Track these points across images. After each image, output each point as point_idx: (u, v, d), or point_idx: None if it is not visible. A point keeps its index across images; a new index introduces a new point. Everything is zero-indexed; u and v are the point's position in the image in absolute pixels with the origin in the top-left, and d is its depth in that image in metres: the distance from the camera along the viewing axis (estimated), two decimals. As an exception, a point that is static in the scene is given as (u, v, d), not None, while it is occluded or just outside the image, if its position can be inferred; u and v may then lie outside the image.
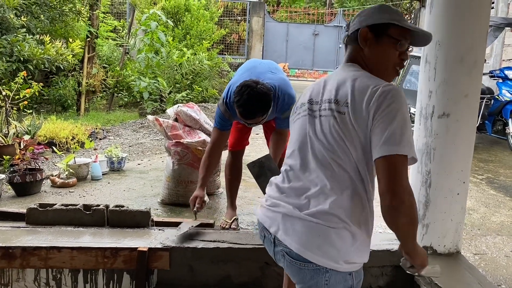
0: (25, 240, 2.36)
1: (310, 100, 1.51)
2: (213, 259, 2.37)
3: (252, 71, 2.81)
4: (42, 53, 6.55)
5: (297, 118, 1.54)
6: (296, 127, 1.54)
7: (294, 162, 1.49)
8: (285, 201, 1.44)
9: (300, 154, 1.47)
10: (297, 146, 1.50)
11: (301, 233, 1.35)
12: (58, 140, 5.44)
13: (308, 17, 16.12)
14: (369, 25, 1.47)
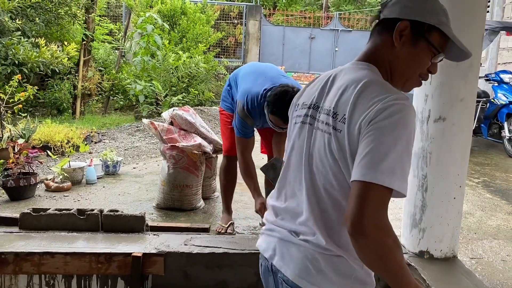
0: (18, 245, 2.33)
1: (312, 103, 1.26)
2: (208, 264, 2.35)
3: (265, 75, 2.79)
4: (37, 56, 6.52)
5: (297, 121, 1.31)
6: (295, 133, 1.31)
7: (291, 175, 1.30)
8: (280, 225, 1.28)
9: (297, 167, 1.27)
10: (294, 157, 1.29)
11: (297, 259, 1.20)
12: (53, 143, 5.40)
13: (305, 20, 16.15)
14: (412, 19, 1.18)
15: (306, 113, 1.27)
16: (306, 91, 1.35)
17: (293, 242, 1.22)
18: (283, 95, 2.46)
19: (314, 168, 1.20)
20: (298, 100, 1.37)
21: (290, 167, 1.31)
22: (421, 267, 2.28)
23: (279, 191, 1.34)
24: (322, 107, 1.22)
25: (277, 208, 1.32)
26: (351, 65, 1.25)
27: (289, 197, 1.29)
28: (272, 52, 14.15)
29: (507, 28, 6.85)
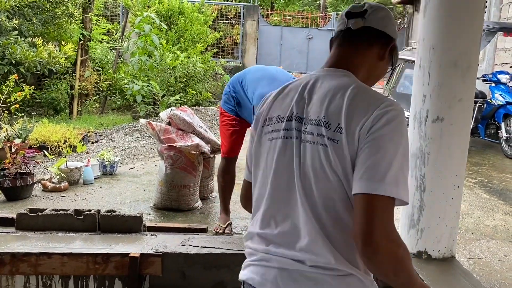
0: (15, 246, 2.32)
1: (292, 115, 1.17)
2: (206, 265, 2.34)
3: (279, 79, 2.76)
4: (34, 56, 6.50)
5: (274, 137, 1.19)
6: (274, 150, 1.18)
7: (275, 197, 1.18)
8: (277, 253, 1.14)
9: (284, 187, 1.16)
10: (278, 176, 1.17)
11: (307, 287, 1.10)
12: (50, 143, 5.38)
13: (302, 20, 16.15)
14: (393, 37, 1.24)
15: (287, 127, 1.17)
16: (276, 104, 1.25)
17: (301, 270, 1.10)
18: None
19: (309, 185, 1.11)
20: (266, 113, 1.25)
21: (273, 188, 1.18)
22: (419, 267, 2.28)
23: (264, 216, 1.20)
24: (308, 118, 1.14)
25: (267, 235, 1.18)
26: (327, 72, 1.21)
27: (280, 221, 1.16)
28: (270, 52, 14.15)
29: (504, 29, 6.86)
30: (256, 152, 1.25)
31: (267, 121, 1.24)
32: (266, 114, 1.26)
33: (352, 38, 1.22)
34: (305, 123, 1.14)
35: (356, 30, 1.21)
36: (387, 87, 8.08)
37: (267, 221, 1.19)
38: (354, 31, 1.21)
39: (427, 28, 2.36)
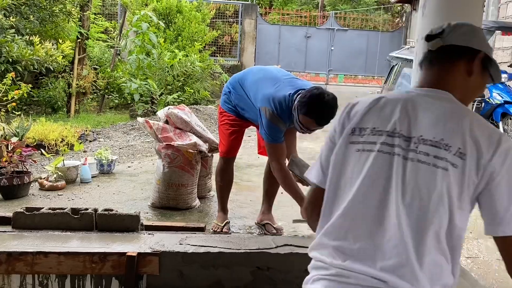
0: (11, 245, 2.30)
1: (394, 130, 1.15)
2: (204, 264, 2.33)
3: (281, 79, 2.77)
4: (32, 54, 6.47)
5: (362, 148, 1.18)
6: (358, 160, 1.17)
7: (358, 214, 1.14)
8: (355, 269, 1.10)
9: (374, 203, 1.12)
10: (363, 192, 1.14)
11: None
12: (47, 142, 5.36)
13: (300, 19, 16.14)
14: (486, 52, 1.22)
15: (387, 142, 1.15)
16: (370, 115, 1.21)
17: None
18: (321, 97, 2.50)
19: (413, 206, 1.08)
20: (357, 122, 1.22)
21: (358, 201, 1.14)
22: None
23: (340, 227, 1.16)
24: (419, 137, 1.12)
25: (345, 249, 1.13)
26: (426, 92, 1.22)
27: (361, 237, 1.12)
28: (268, 51, 14.15)
29: (503, 27, 6.88)
30: (338, 159, 1.22)
31: (357, 130, 1.21)
32: (356, 123, 1.22)
33: (435, 59, 1.25)
34: (416, 142, 1.12)
35: (437, 51, 1.23)
36: (385, 86, 8.08)
37: (344, 234, 1.15)
38: (435, 51, 1.24)
39: (425, 26, 2.35)
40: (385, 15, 17.14)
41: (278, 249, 2.39)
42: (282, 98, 2.64)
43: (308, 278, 1.20)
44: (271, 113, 2.66)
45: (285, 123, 2.71)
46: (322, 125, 2.58)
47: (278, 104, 2.64)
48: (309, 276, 1.21)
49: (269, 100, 2.67)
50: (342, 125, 1.26)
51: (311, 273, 1.20)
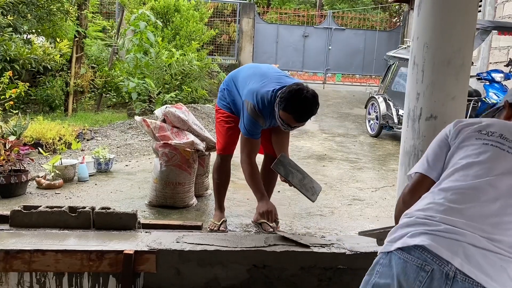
0: (9, 243, 2.32)
1: (502, 135, 1.44)
2: (201, 262, 2.35)
3: (270, 76, 2.79)
4: (29, 53, 6.47)
5: (495, 145, 1.42)
6: (494, 153, 1.40)
7: (476, 182, 1.35)
8: (468, 229, 1.25)
9: (508, 190, 1.33)
10: (501, 177, 1.35)
11: (491, 267, 1.19)
12: (44, 141, 5.36)
13: (298, 18, 16.15)
14: None
15: (498, 140, 1.42)
16: (495, 127, 1.47)
17: (488, 249, 1.22)
18: (299, 92, 2.51)
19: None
20: (485, 128, 1.48)
21: (475, 173, 1.37)
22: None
23: (455, 197, 1.34)
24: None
25: (458, 208, 1.31)
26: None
27: (474, 201, 1.32)
28: (266, 50, 14.15)
29: (499, 27, 6.89)
30: (460, 147, 1.47)
31: (483, 131, 1.47)
32: (482, 127, 1.49)
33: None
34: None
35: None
36: (382, 86, 8.10)
37: (457, 198, 1.34)
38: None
39: (420, 26, 2.37)
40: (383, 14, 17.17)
41: (274, 247, 2.41)
42: (266, 93, 2.65)
43: (400, 234, 1.31)
44: (253, 108, 2.69)
45: (266, 119, 2.73)
46: (301, 121, 2.58)
47: (261, 100, 2.66)
48: (399, 233, 1.32)
49: (253, 94, 2.70)
50: (451, 130, 1.55)
51: (402, 231, 1.31)
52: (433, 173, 1.50)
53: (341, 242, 2.57)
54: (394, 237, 1.32)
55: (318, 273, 2.39)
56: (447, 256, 1.19)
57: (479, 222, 1.26)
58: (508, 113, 1.61)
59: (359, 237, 2.40)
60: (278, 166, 2.69)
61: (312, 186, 2.71)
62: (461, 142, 1.47)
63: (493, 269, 1.18)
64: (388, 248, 1.30)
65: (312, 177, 2.75)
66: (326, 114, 9.60)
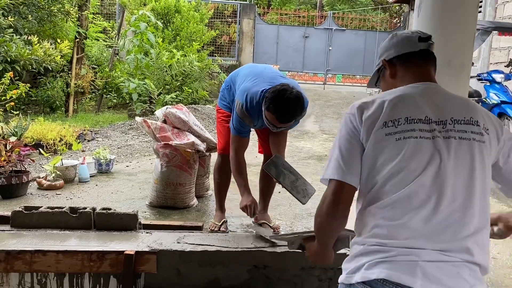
0: (10, 243, 2.32)
1: (424, 117, 1.34)
2: (201, 262, 2.35)
3: (263, 76, 2.80)
4: (30, 54, 6.47)
5: (405, 136, 1.32)
6: (405, 148, 1.31)
7: (407, 188, 1.28)
8: (418, 245, 1.25)
9: (434, 181, 1.28)
10: (425, 172, 1.29)
11: (448, 277, 1.22)
12: (45, 141, 5.37)
13: (299, 19, 16.16)
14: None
15: (424, 128, 1.33)
16: (396, 108, 1.36)
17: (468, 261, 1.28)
18: (282, 93, 2.49)
19: (466, 174, 1.30)
20: (386, 116, 1.35)
21: (424, 183, 1.28)
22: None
23: (404, 207, 1.28)
24: (451, 119, 1.34)
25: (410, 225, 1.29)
26: (430, 84, 1.46)
27: (426, 212, 1.28)
28: (266, 50, 14.16)
29: (499, 28, 6.89)
30: (377, 152, 1.33)
31: (389, 123, 1.34)
32: (386, 117, 1.35)
33: (427, 57, 1.51)
34: (450, 123, 1.34)
35: (427, 50, 1.50)
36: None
37: (406, 212, 1.29)
38: (426, 51, 1.50)
39: (421, 26, 2.37)
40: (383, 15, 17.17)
41: (274, 248, 2.41)
42: (255, 93, 2.66)
43: (356, 266, 1.30)
44: (240, 107, 2.71)
45: (254, 119, 2.73)
46: (284, 121, 2.56)
47: (250, 99, 2.67)
48: (354, 264, 1.31)
49: (243, 93, 2.72)
50: (371, 122, 1.36)
51: (358, 261, 1.30)
52: (352, 178, 1.35)
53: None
54: (351, 268, 1.31)
55: (319, 273, 2.39)
56: (408, 281, 1.20)
57: (426, 233, 1.25)
58: (391, 72, 1.53)
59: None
60: (270, 166, 2.67)
61: (305, 189, 2.67)
62: (375, 144, 1.34)
63: (451, 278, 1.22)
64: (349, 280, 1.30)
65: (306, 180, 2.73)
66: (326, 114, 9.61)
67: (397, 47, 1.52)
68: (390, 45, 1.55)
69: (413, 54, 1.49)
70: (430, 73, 1.49)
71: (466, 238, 1.26)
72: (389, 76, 1.54)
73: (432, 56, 1.51)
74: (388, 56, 1.54)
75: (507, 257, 3.11)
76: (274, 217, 3.26)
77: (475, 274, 1.26)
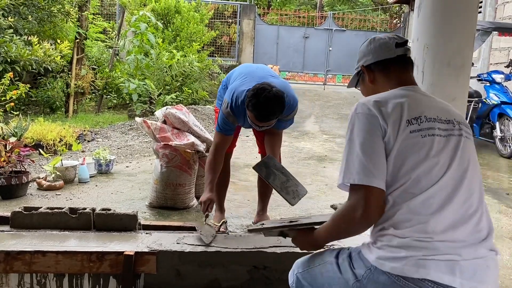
0: (9, 244, 2.31)
1: (438, 117, 1.42)
2: (201, 263, 2.35)
3: (253, 75, 2.80)
4: (30, 54, 6.47)
5: (428, 134, 1.37)
6: (437, 144, 1.36)
7: (455, 184, 1.35)
8: (457, 243, 1.31)
9: (458, 175, 1.36)
10: (451, 167, 1.36)
11: (480, 272, 1.29)
12: (45, 142, 5.37)
13: (299, 20, 16.16)
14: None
15: (440, 127, 1.40)
16: (415, 106, 1.41)
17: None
18: (260, 92, 2.47)
19: (472, 168, 1.40)
20: (409, 114, 1.38)
21: (446, 178, 1.34)
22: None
23: (439, 200, 1.32)
24: (455, 120, 1.44)
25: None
26: (416, 88, 1.53)
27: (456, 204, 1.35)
28: (266, 51, 14.17)
29: (499, 28, 6.90)
30: (407, 149, 1.34)
31: (412, 120, 1.38)
32: (407, 115, 1.39)
33: (406, 63, 1.57)
34: (455, 124, 1.43)
35: (405, 56, 1.56)
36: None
37: (441, 205, 1.32)
38: (404, 56, 1.56)
39: (421, 27, 2.37)
40: (383, 15, 17.17)
41: (274, 248, 2.40)
42: (241, 93, 2.65)
43: (393, 256, 1.28)
44: (226, 106, 2.71)
45: (239, 118, 2.72)
46: (262, 120, 2.53)
47: (235, 98, 2.67)
48: (393, 255, 1.29)
49: (230, 92, 2.72)
50: (383, 124, 1.37)
51: (399, 252, 1.28)
52: (381, 182, 1.32)
53: (342, 242, 2.57)
54: (387, 256, 1.29)
55: (319, 274, 2.39)
56: (448, 281, 1.23)
57: (461, 230, 1.30)
58: (370, 77, 1.58)
59: (360, 237, 2.40)
60: (260, 167, 2.65)
61: (296, 190, 2.64)
62: (402, 142, 1.34)
63: (482, 272, 1.27)
64: (380, 265, 1.29)
65: (298, 181, 2.70)
66: (326, 115, 9.61)
67: (374, 53, 1.55)
68: (368, 51, 1.58)
69: (391, 61, 1.53)
70: (412, 78, 1.55)
71: (484, 228, 1.36)
72: (369, 81, 1.58)
73: (409, 60, 1.56)
74: (366, 62, 1.58)
75: (507, 257, 3.11)
76: (274, 218, 3.26)
77: (496, 263, 1.35)
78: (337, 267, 1.40)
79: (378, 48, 1.55)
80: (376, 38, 1.59)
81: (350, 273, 1.35)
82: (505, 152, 6.39)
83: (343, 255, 1.43)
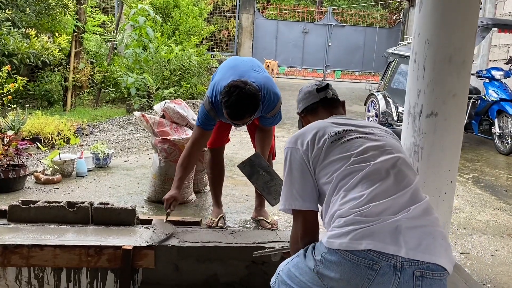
0: (7, 238, 2.30)
1: (356, 127, 1.70)
2: (199, 258, 2.34)
3: (235, 69, 2.74)
4: (28, 47, 6.44)
5: (346, 139, 1.62)
6: (356, 144, 1.60)
7: (371, 166, 1.55)
8: (397, 212, 1.43)
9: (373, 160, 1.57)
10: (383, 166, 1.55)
11: (426, 241, 1.37)
12: (43, 135, 5.34)
13: (298, 15, 16.10)
14: None
15: (361, 131, 1.70)
16: (332, 126, 1.69)
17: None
18: (232, 89, 2.42)
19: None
20: (323, 134, 1.63)
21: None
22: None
23: (375, 197, 1.45)
24: (369, 126, 1.71)
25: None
26: (344, 116, 1.83)
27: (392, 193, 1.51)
28: (265, 46, 14.13)
29: (499, 25, 6.88)
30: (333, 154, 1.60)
31: (337, 134, 1.64)
32: (330, 132, 1.66)
33: (332, 101, 1.87)
34: (371, 127, 1.71)
35: (329, 97, 1.86)
36: (382, 83, 8.09)
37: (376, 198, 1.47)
38: (329, 98, 1.86)
39: (422, 22, 2.35)
40: (383, 11, 17.13)
41: (273, 243, 2.40)
42: (221, 87, 2.59)
43: (340, 232, 1.39)
44: (207, 100, 2.68)
45: (218, 113, 2.67)
46: (234, 118, 2.49)
47: (215, 93, 2.63)
48: (340, 231, 1.39)
49: (211, 86, 2.69)
50: (311, 146, 1.62)
51: (343, 228, 1.40)
52: (312, 205, 1.59)
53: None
54: (334, 233, 1.40)
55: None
56: (393, 251, 1.31)
57: (400, 201, 1.43)
58: (305, 120, 1.90)
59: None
60: (244, 165, 2.61)
61: (279, 190, 2.60)
62: (326, 156, 1.57)
63: (428, 242, 1.35)
64: (330, 244, 1.39)
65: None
66: (325, 110, 9.58)
67: (303, 101, 1.88)
68: (298, 99, 1.92)
69: (317, 104, 1.85)
70: (339, 110, 1.86)
71: (421, 198, 1.53)
72: (305, 123, 1.88)
73: (333, 99, 1.86)
74: (299, 109, 1.91)
75: (505, 254, 3.11)
76: (272, 213, 3.26)
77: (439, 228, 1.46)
78: (304, 258, 1.50)
79: (304, 96, 1.88)
80: (302, 88, 1.91)
81: (312, 260, 1.45)
82: (503, 149, 6.40)
83: (310, 246, 1.54)
